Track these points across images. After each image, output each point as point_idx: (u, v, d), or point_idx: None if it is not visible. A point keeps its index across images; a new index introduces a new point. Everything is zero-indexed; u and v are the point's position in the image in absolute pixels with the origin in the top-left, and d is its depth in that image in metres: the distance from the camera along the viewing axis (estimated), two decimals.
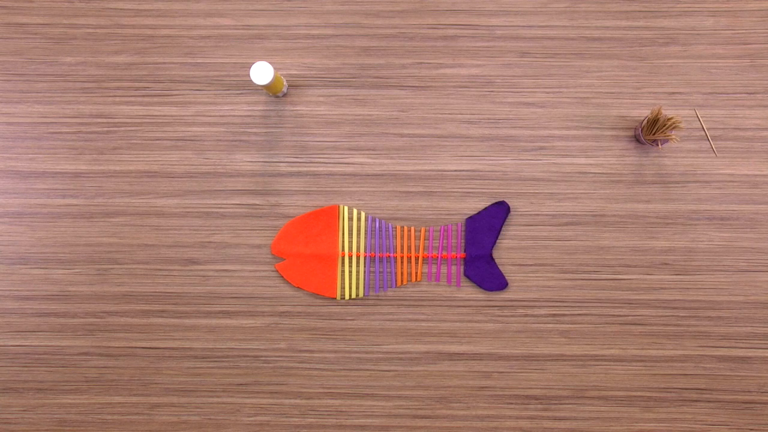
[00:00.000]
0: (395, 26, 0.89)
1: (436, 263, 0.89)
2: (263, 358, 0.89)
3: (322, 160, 0.89)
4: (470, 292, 0.89)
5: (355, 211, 0.89)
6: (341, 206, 0.89)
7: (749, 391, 0.88)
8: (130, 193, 0.89)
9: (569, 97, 0.89)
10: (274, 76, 0.79)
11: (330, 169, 0.89)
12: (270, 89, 0.83)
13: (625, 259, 0.88)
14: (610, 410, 0.88)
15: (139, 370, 0.89)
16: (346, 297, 0.88)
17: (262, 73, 0.79)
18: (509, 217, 0.88)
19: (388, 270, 0.89)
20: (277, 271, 0.89)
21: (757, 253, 0.87)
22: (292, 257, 0.88)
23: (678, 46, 0.88)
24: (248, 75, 0.87)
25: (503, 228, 0.88)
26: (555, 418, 0.88)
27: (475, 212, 0.88)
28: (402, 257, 0.88)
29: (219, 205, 0.89)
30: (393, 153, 0.89)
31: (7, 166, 0.89)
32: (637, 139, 0.88)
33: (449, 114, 0.89)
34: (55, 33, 0.90)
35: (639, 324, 0.88)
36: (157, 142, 0.89)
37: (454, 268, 0.89)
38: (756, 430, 0.88)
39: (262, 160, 0.89)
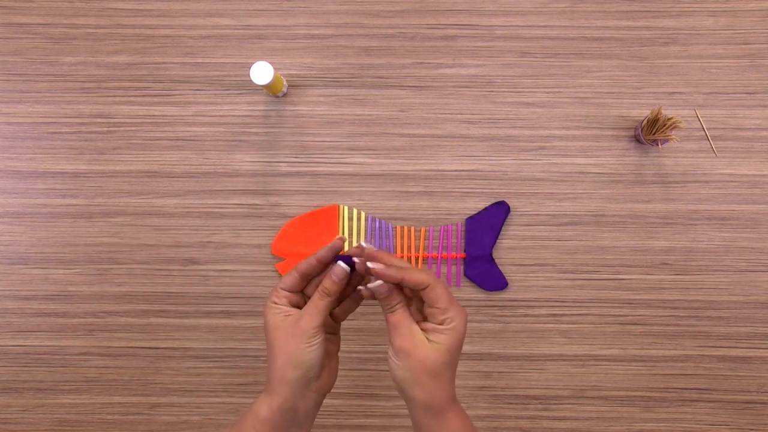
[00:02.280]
0: (395, 26, 0.89)
1: (436, 263, 0.89)
2: (263, 358, 0.89)
3: (322, 160, 0.89)
4: (470, 292, 0.89)
5: (355, 211, 0.89)
6: (341, 206, 0.89)
7: (749, 391, 0.88)
8: (130, 193, 0.89)
9: (569, 97, 0.89)
10: (274, 76, 0.79)
11: (330, 169, 0.89)
12: (270, 89, 0.83)
13: (625, 259, 0.88)
14: (610, 410, 0.88)
15: (139, 370, 0.89)
16: None
17: (262, 73, 0.79)
18: (509, 217, 0.88)
19: None
20: (277, 271, 0.89)
21: (757, 253, 0.87)
22: (292, 257, 0.88)
23: (678, 46, 0.88)
24: (248, 75, 0.87)
25: (503, 228, 0.88)
26: (555, 418, 0.88)
27: (475, 212, 0.88)
28: (402, 257, 0.88)
29: (219, 205, 0.89)
30: (393, 153, 0.89)
31: (7, 166, 0.89)
32: (637, 139, 0.88)
33: (449, 114, 0.89)
34: (55, 33, 0.90)
35: (639, 324, 0.88)
36: (157, 142, 0.89)
37: (454, 268, 0.89)
38: (756, 430, 0.88)
39: (262, 160, 0.89)
